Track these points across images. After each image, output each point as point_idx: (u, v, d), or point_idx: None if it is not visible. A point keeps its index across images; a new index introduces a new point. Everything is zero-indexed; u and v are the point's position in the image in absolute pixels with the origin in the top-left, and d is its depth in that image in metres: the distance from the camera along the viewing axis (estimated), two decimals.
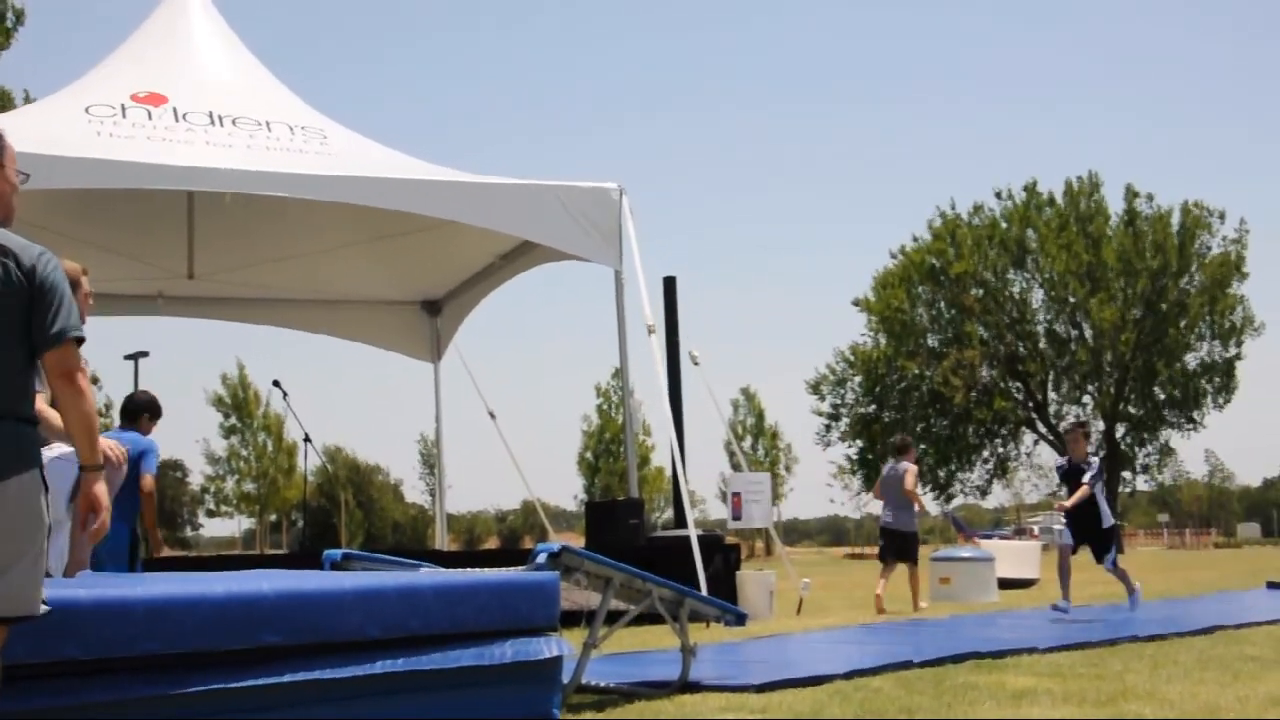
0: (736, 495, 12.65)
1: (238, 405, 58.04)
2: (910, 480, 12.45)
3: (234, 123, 11.28)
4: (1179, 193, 78.67)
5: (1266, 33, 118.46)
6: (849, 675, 6.12)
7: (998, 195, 55.60)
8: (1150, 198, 54.28)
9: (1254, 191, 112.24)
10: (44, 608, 3.51)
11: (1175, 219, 53.42)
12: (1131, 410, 54.33)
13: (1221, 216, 53.62)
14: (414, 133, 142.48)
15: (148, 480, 8.21)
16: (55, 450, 5.89)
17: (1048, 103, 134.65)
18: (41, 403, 5.62)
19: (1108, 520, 10.52)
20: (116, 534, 7.64)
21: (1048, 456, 56.81)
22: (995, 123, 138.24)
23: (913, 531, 12.66)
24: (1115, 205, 54.83)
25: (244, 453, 58.26)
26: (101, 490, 3.70)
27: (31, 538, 3.44)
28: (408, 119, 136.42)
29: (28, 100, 23.01)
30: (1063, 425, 52.99)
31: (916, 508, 12.61)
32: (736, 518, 12.68)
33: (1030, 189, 54.85)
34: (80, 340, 3.61)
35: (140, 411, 8.65)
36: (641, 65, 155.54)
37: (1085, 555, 10.65)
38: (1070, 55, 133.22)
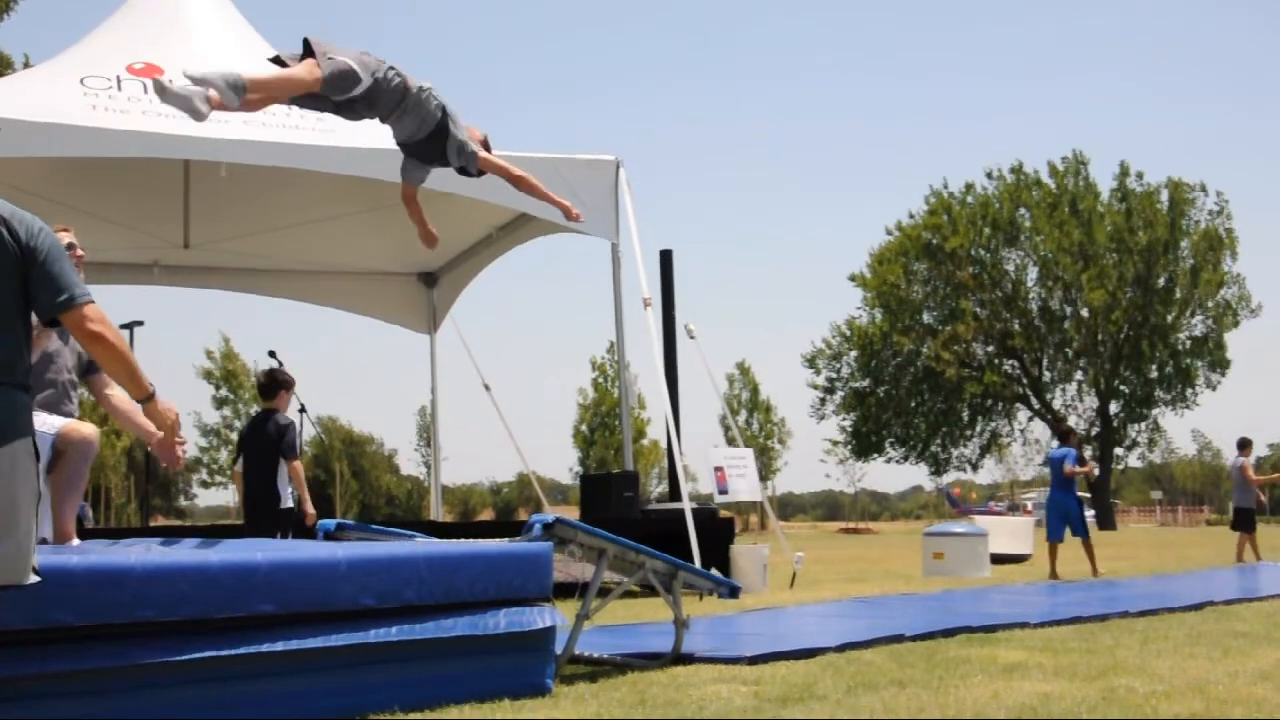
0: (719, 469, 12.66)
1: (226, 377, 57.93)
2: (1249, 471, 16.76)
3: None
4: (1163, 170, 78.62)
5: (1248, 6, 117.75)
6: (841, 648, 6.14)
7: (988, 175, 55.65)
8: (1140, 175, 54.41)
9: (1240, 169, 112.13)
10: (34, 576, 3.51)
11: (1164, 196, 53.51)
12: (1124, 388, 54.43)
13: (1204, 189, 53.82)
14: None
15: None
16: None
17: (1045, 78, 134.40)
18: (117, 391, 5.68)
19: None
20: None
21: (1041, 432, 57.02)
22: (997, 98, 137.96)
23: (1250, 508, 16.69)
24: (1103, 183, 55.03)
25: (237, 424, 58.21)
26: (165, 408, 3.96)
27: (24, 506, 3.44)
28: None
29: (27, 66, 22.85)
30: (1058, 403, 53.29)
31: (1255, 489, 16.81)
32: (722, 492, 12.69)
33: (1017, 170, 54.86)
34: (89, 303, 3.63)
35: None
36: (641, 38, 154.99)
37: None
38: (1063, 30, 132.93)
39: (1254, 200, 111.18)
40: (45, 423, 5.38)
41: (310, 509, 9.05)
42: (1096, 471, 14.29)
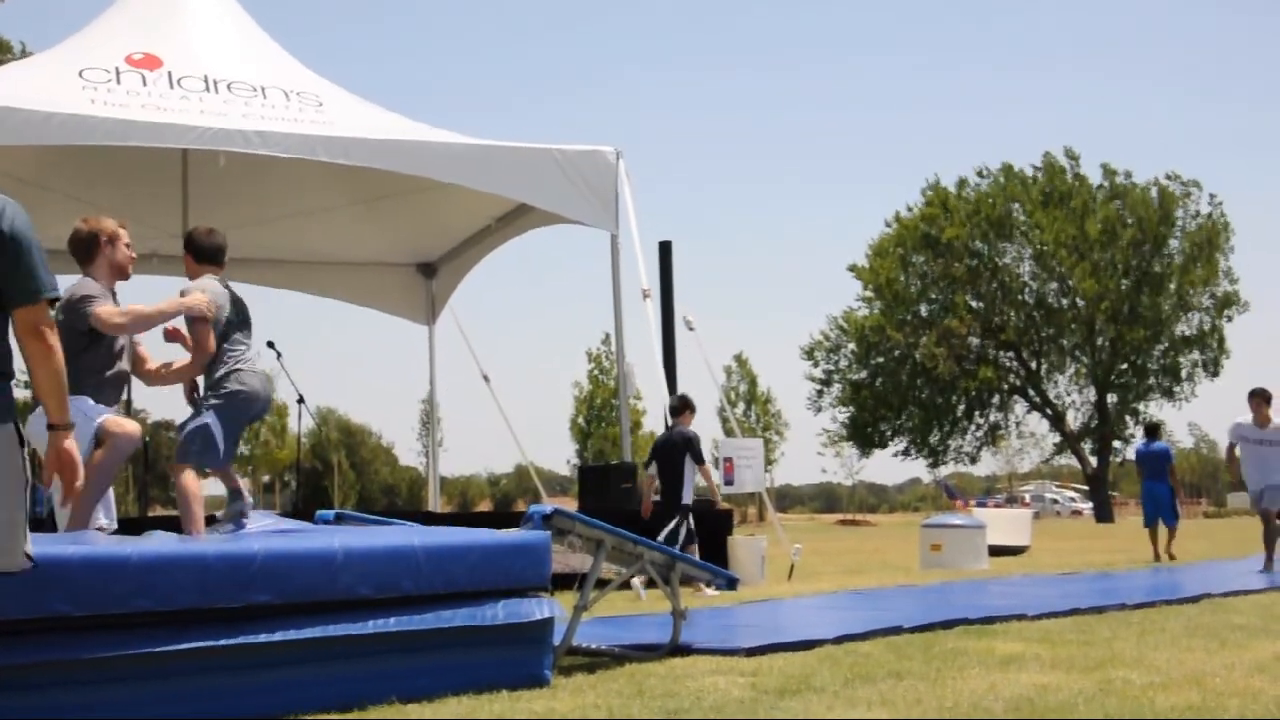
0: (728, 460, 12.65)
1: None
2: None
3: (229, 88, 11.17)
4: (1157, 165, 78.48)
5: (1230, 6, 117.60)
6: (839, 640, 6.14)
7: (979, 174, 55.61)
8: (1128, 174, 54.48)
9: (1232, 166, 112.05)
10: (26, 562, 3.50)
11: (1154, 194, 53.60)
12: (1119, 381, 54.43)
13: (1198, 185, 53.92)
14: (410, 95, 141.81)
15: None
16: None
17: (1046, 71, 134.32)
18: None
19: None
20: None
21: (1037, 425, 57.09)
22: (997, 91, 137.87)
23: None
24: (1095, 177, 55.12)
25: None
26: (71, 448, 3.74)
27: (8, 493, 3.43)
28: (405, 81, 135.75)
29: (25, 53, 22.79)
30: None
31: None
32: (729, 483, 12.68)
33: (1008, 169, 54.84)
34: (54, 300, 3.61)
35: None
36: (640, 28, 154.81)
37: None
38: (1064, 24, 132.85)
39: (1249, 195, 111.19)
40: (90, 412, 5.40)
41: (718, 498, 11.70)
42: None
